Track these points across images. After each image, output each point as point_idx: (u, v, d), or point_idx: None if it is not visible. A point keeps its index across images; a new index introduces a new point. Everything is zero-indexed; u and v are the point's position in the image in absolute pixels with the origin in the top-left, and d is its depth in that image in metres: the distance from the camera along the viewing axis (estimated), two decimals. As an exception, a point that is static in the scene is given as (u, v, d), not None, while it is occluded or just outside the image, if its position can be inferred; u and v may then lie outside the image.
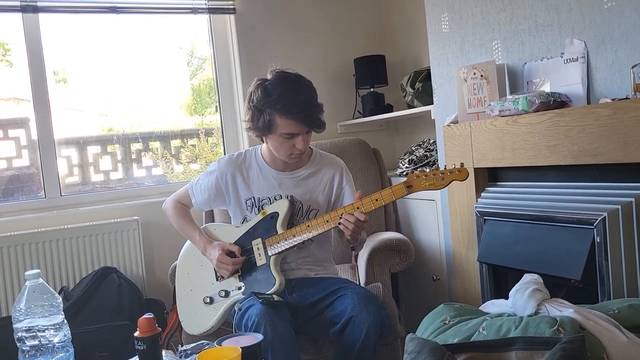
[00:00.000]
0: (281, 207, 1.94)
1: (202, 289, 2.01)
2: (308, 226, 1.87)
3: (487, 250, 2.04)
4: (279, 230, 1.91)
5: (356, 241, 1.89)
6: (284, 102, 1.82)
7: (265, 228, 1.94)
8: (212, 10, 3.07)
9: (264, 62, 2.00)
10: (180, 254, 2.14)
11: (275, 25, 3.17)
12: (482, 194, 2.12)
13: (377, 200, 1.79)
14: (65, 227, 2.67)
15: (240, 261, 1.92)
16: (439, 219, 2.50)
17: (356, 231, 1.79)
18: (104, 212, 2.80)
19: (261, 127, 1.88)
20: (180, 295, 2.08)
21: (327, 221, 1.85)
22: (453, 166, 1.74)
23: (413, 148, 2.83)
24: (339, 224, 1.80)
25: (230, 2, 3.08)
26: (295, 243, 1.89)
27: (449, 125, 2.24)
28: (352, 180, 2.08)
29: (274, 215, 1.93)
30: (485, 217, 2.07)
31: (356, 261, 2.21)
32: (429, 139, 2.84)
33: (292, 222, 1.96)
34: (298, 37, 3.22)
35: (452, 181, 1.73)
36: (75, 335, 1.52)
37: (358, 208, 1.80)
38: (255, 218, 1.98)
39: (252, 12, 3.12)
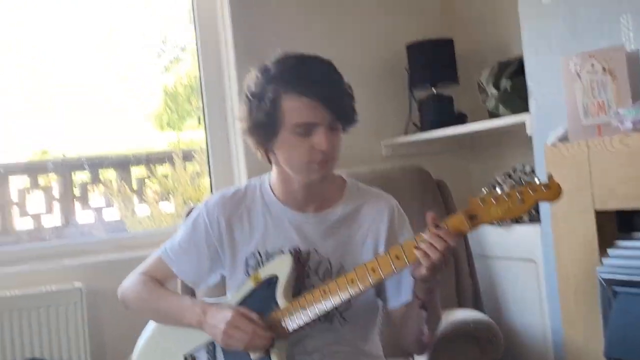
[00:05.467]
0: (281, 268, 1.91)
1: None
2: (324, 291, 1.82)
3: (620, 339, 2.00)
4: (281, 302, 1.88)
5: (431, 292, 1.82)
6: (292, 73, 1.85)
7: (261, 300, 1.90)
8: (194, -25, 3.10)
9: (270, 52, 1.98)
10: (139, 346, 2.10)
11: (289, -4, 3.19)
12: (610, 252, 2.08)
13: (422, 242, 1.73)
14: (-26, 298, 2.66)
15: (269, 337, 1.84)
16: (542, 290, 2.48)
17: (439, 262, 1.70)
18: (32, 276, 2.80)
19: (262, 120, 1.87)
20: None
21: (353, 281, 1.80)
22: (537, 181, 1.70)
23: (499, 179, 2.79)
24: (416, 248, 1.73)
25: (223, -37, 3.11)
26: (308, 320, 1.85)
27: (554, 145, 2.23)
28: (409, 227, 2.04)
29: (272, 281, 1.90)
30: (616, 288, 2.04)
31: (428, 341, 2.13)
32: (524, 165, 2.79)
33: (300, 286, 1.93)
34: (321, 14, 3.23)
35: (536, 202, 1.70)
36: None
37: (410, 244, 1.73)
38: (245, 287, 1.95)
39: (255, -23, 3.14)
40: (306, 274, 1.96)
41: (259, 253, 1.99)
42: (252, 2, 3.12)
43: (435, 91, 3.17)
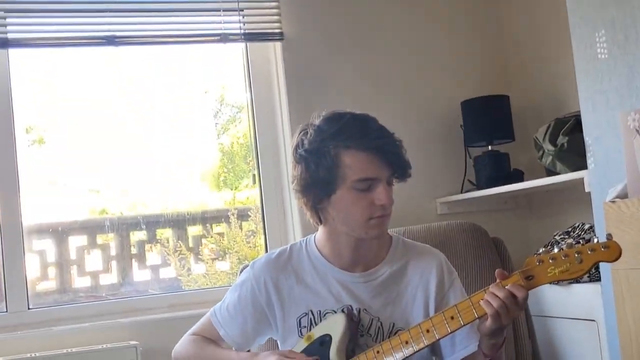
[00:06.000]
0: (335, 327, 1.90)
1: None
2: (378, 352, 1.82)
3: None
4: (335, 363, 1.88)
5: (497, 349, 1.81)
6: (352, 129, 1.86)
7: (314, 361, 1.91)
8: (249, 37, 3.16)
9: (323, 109, 2.01)
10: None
11: (342, 56, 3.22)
12: (676, 312, 2.03)
13: (479, 303, 1.74)
14: (33, 355, 2.68)
15: None
16: (603, 351, 2.42)
17: (503, 316, 1.70)
18: (89, 334, 2.83)
19: (322, 177, 1.87)
20: None
21: (407, 342, 1.80)
22: (596, 240, 1.67)
23: (557, 237, 2.77)
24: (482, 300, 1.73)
25: (276, 25, 3.17)
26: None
27: (613, 202, 2.18)
28: (458, 281, 2.04)
29: (325, 341, 1.88)
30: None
31: None
32: (582, 224, 2.78)
33: (353, 347, 1.91)
34: (376, 73, 3.26)
35: (596, 264, 1.67)
36: None
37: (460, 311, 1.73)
38: (297, 347, 1.94)
39: (308, 39, 3.19)
40: (360, 333, 1.95)
41: (311, 312, 1.99)
42: (306, 63, 3.17)
43: (491, 148, 3.16)
